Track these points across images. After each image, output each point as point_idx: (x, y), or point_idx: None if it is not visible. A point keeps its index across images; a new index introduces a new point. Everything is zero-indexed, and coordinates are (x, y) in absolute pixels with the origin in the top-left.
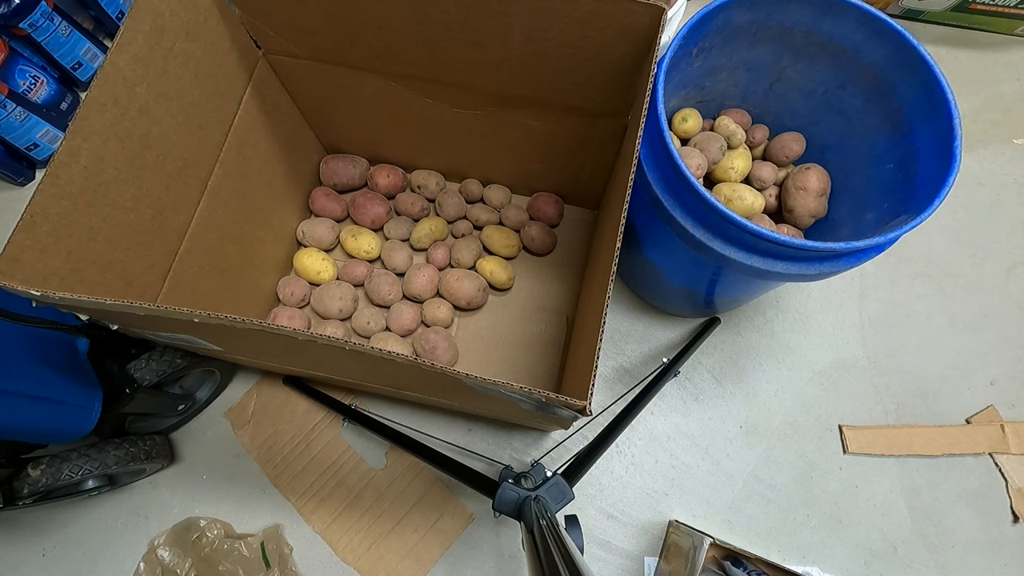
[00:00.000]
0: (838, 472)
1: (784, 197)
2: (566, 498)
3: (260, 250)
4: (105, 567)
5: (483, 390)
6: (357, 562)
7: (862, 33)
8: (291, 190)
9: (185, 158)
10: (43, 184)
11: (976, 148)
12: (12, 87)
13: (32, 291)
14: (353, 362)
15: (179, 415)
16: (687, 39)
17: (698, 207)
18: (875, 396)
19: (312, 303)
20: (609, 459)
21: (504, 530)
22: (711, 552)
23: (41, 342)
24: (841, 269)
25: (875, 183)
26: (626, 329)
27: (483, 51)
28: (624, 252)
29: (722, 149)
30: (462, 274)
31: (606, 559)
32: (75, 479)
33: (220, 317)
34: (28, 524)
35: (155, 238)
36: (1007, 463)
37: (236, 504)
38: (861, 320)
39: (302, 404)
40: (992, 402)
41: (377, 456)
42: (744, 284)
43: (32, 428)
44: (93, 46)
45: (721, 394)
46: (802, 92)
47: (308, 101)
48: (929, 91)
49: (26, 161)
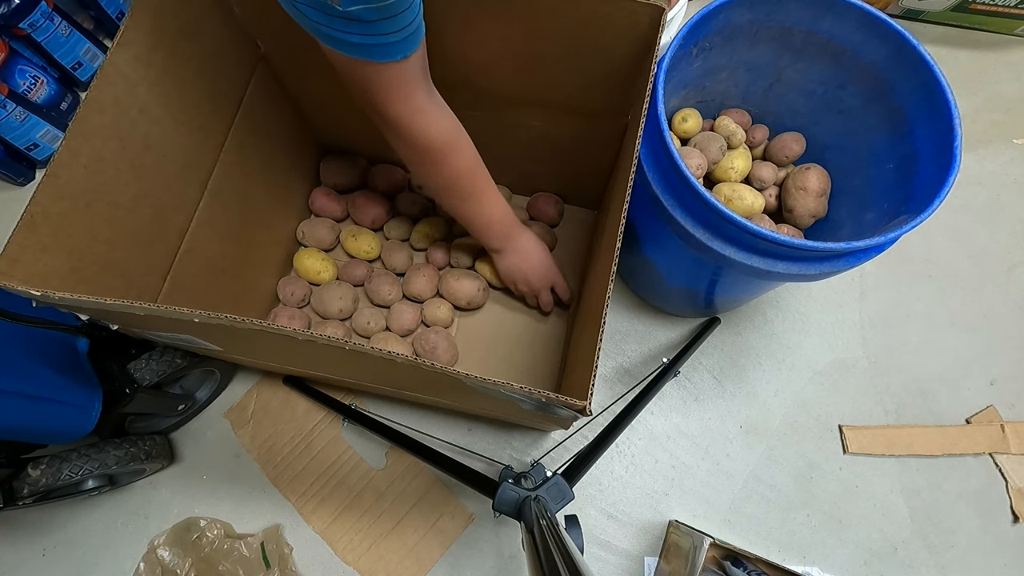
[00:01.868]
0: (838, 472)
1: (784, 197)
2: (566, 498)
3: (260, 250)
4: (105, 567)
5: (483, 390)
6: (357, 562)
7: (862, 33)
8: (291, 190)
9: (185, 158)
10: (43, 184)
11: (976, 148)
12: (12, 87)
13: (32, 291)
14: (353, 362)
15: (179, 415)
16: (687, 39)
17: (698, 207)
18: (875, 396)
19: (312, 303)
20: (609, 459)
21: (504, 530)
22: (711, 552)
23: (41, 342)
24: (841, 269)
25: (875, 183)
26: (626, 329)
27: (483, 51)
28: (624, 252)
29: (722, 149)
30: (462, 274)
31: (606, 559)
32: (75, 479)
33: (220, 317)
34: (28, 524)
35: (155, 238)
36: (1007, 463)
37: (236, 504)
38: (861, 320)
39: (302, 404)
40: (992, 402)
41: (377, 456)
42: (744, 284)
43: (32, 428)
44: (93, 46)
45: (721, 394)
46: (802, 92)
47: (308, 101)
48: (929, 91)
49: (26, 161)
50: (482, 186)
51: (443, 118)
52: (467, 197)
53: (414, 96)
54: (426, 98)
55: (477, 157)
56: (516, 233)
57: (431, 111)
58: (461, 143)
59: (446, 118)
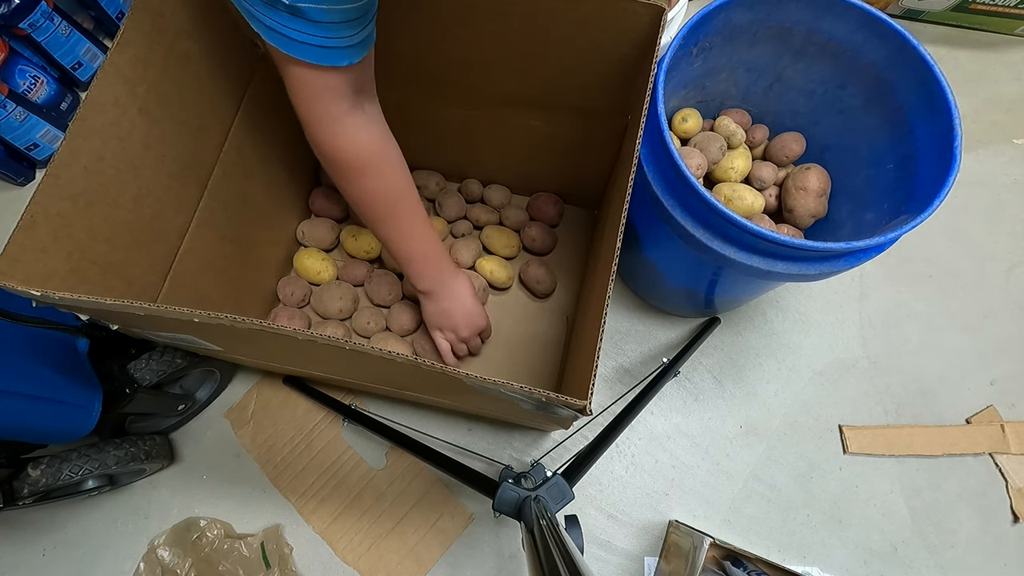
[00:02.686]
0: (838, 472)
1: (784, 197)
2: (566, 498)
3: (260, 250)
4: (105, 567)
5: (483, 389)
6: (357, 562)
7: (862, 33)
8: (291, 190)
9: (185, 158)
10: (43, 184)
11: (976, 148)
12: (12, 87)
13: (32, 291)
14: (353, 362)
15: (179, 415)
16: (687, 39)
17: (698, 207)
18: (875, 396)
19: (312, 303)
20: (609, 459)
21: (504, 530)
22: (711, 552)
23: (41, 342)
24: (841, 269)
25: (875, 183)
26: (626, 329)
27: (483, 51)
28: (624, 252)
29: (722, 149)
30: None
31: (606, 559)
32: (75, 479)
33: (220, 317)
34: (28, 524)
35: (155, 238)
36: (1007, 463)
37: (236, 504)
38: (861, 320)
39: (302, 404)
40: (992, 402)
41: (377, 456)
42: (744, 284)
43: (32, 428)
44: (93, 46)
45: (721, 394)
46: (802, 92)
47: None
48: (929, 91)
49: (26, 161)
50: (402, 215)
51: (362, 135)
52: (382, 222)
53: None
54: (346, 110)
55: (403, 184)
56: (448, 276)
57: (348, 124)
58: (378, 165)
59: (366, 136)
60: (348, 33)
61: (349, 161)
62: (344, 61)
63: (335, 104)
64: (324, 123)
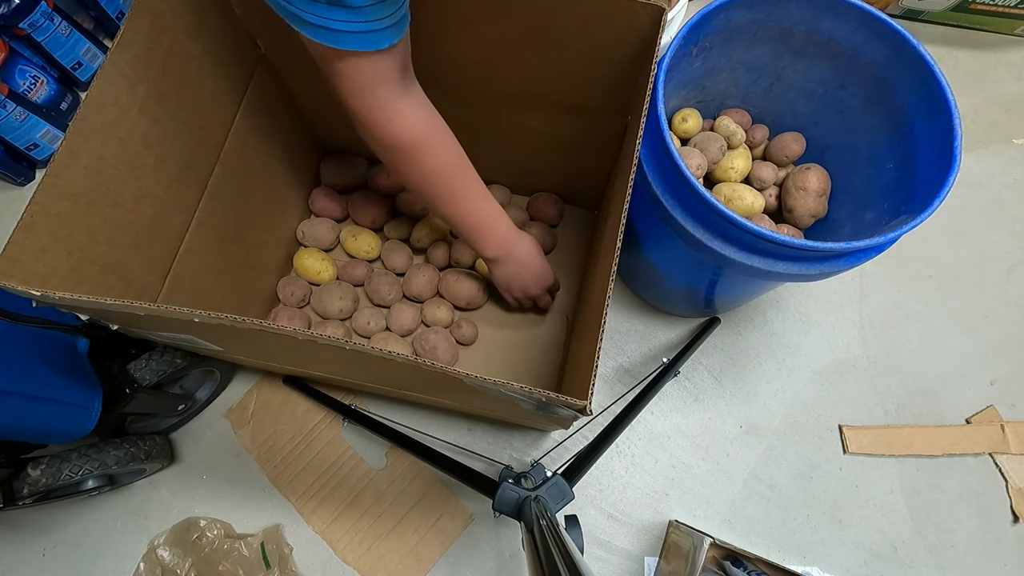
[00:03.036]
0: (838, 472)
1: (784, 197)
2: (566, 498)
3: (260, 250)
4: (105, 567)
5: (483, 389)
6: (357, 562)
7: (862, 33)
8: (291, 190)
9: (185, 158)
10: (43, 184)
11: (976, 148)
12: (12, 87)
13: (32, 291)
14: (353, 362)
15: (179, 415)
16: (687, 39)
17: (698, 207)
18: (875, 396)
19: (312, 303)
20: (609, 459)
21: (504, 530)
22: (711, 552)
23: (41, 342)
24: (841, 269)
25: (875, 183)
26: (626, 329)
27: (483, 51)
28: (624, 252)
29: (722, 149)
30: (462, 274)
31: (606, 559)
32: (75, 479)
33: (220, 317)
34: (28, 524)
35: (155, 238)
36: (1007, 463)
37: (236, 504)
38: (861, 320)
39: (302, 404)
40: (992, 402)
41: (377, 456)
42: (744, 284)
43: (32, 428)
44: (93, 46)
45: (721, 394)
46: (802, 92)
47: (308, 101)
48: (929, 91)
49: (26, 161)
50: (464, 188)
51: (416, 116)
52: (446, 199)
53: (386, 92)
54: (399, 94)
55: (458, 158)
56: (513, 240)
57: (402, 108)
58: (435, 143)
59: (419, 116)
60: (386, 13)
61: (410, 145)
62: (387, 42)
63: (387, 90)
64: (380, 112)
